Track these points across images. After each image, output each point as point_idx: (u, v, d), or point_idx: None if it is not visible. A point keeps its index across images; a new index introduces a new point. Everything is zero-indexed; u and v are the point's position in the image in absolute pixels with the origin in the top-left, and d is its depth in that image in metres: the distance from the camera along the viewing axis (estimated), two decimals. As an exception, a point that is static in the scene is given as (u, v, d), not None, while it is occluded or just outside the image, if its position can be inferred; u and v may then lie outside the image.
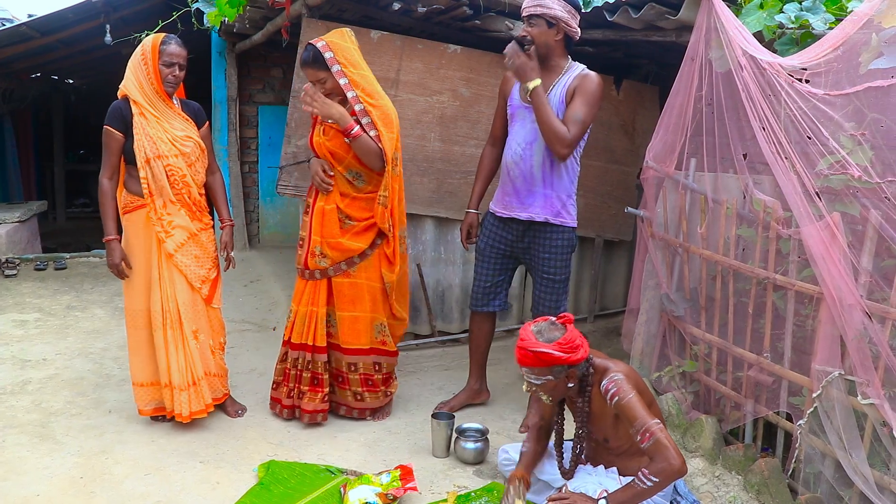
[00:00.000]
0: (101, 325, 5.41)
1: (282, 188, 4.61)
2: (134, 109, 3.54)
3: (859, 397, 2.73)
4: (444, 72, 4.77)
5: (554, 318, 2.96)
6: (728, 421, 3.54)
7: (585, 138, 3.72)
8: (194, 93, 4.27)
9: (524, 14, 3.57)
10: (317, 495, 3.19)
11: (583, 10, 4.30)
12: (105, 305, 5.90)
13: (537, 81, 3.48)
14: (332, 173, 3.70)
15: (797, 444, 3.08)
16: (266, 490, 3.21)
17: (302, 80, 4.49)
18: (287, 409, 3.91)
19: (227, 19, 5.75)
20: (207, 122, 3.86)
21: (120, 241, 3.63)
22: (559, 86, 3.61)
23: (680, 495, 3.13)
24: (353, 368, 3.86)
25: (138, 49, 3.56)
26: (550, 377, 2.86)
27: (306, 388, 3.86)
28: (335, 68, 3.56)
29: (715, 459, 3.42)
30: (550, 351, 2.80)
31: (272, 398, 4.00)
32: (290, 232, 7.88)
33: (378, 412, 4.01)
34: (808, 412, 2.96)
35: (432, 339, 5.14)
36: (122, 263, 3.61)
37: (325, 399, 3.87)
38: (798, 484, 3.08)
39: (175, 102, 3.66)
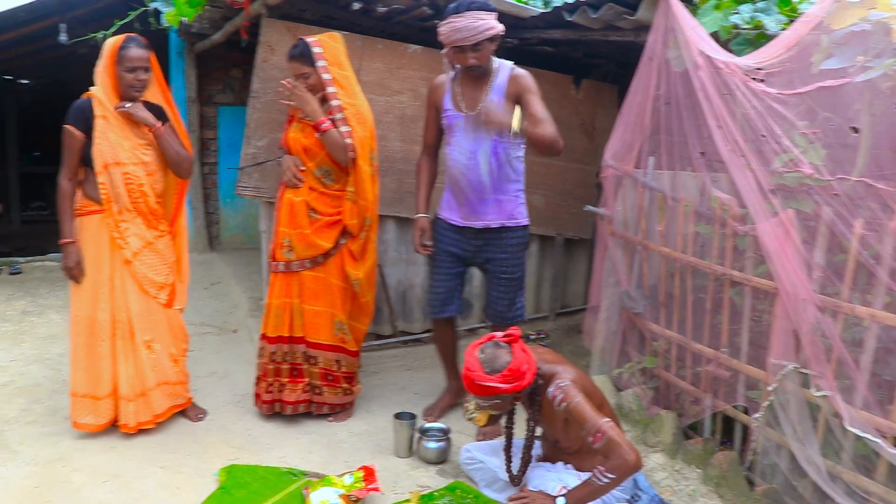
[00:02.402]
0: (57, 331, 5.31)
1: (241, 189, 4.56)
2: (97, 111, 3.47)
3: (813, 390, 2.79)
4: (404, 72, 4.77)
5: (500, 337, 2.97)
6: (687, 416, 3.59)
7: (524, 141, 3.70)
8: (152, 93, 4.20)
9: (468, 44, 3.40)
10: (279, 498, 3.17)
11: (542, 11, 4.34)
12: (62, 310, 5.79)
13: None
14: (303, 169, 3.76)
15: (754, 437, 3.13)
16: (228, 494, 3.19)
17: (261, 81, 4.47)
18: (267, 403, 3.90)
19: (185, 19, 5.70)
20: (168, 123, 3.80)
21: (76, 244, 3.56)
22: (494, 90, 3.58)
23: (641, 490, 3.17)
24: (312, 361, 3.88)
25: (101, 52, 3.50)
26: (497, 401, 2.92)
27: (286, 379, 3.88)
28: (320, 64, 3.67)
29: (675, 454, 3.46)
30: (496, 385, 2.84)
31: (255, 394, 4.00)
32: (250, 234, 7.80)
33: (339, 413, 4.00)
34: (765, 405, 3.01)
35: (394, 340, 5.13)
36: (77, 267, 3.54)
37: (307, 389, 3.90)
38: (755, 476, 3.13)
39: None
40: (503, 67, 3.63)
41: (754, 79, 2.91)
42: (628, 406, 3.77)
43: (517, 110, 3.33)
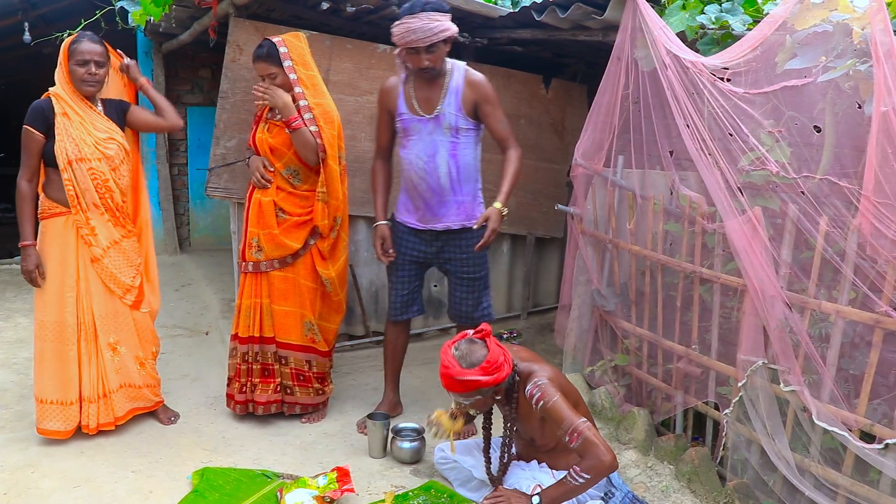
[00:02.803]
0: (25, 335, 5.23)
1: (211, 191, 4.53)
2: (57, 109, 3.44)
3: (782, 385, 2.83)
4: (374, 71, 4.76)
5: (472, 333, 2.98)
6: (659, 412, 3.62)
7: (481, 136, 3.72)
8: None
9: (423, 45, 3.39)
10: (253, 500, 3.16)
11: (511, 11, 4.35)
12: (29, 314, 5.69)
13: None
14: (271, 169, 3.75)
15: (724, 433, 3.17)
16: (201, 497, 3.16)
17: (229, 81, 4.44)
18: (240, 404, 3.89)
19: (152, 18, 5.64)
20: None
21: (35, 247, 3.52)
22: (450, 93, 3.58)
23: (614, 486, 3.19)
24: (283, 361, 3.88)
25: None
26: (479, 397, 2.91)
27: (258, 379, 3.87)
28: (286, 64, 3.67)
29: (647, 450, 3.49)
30: (477, 378, 2.83)
31: (227, 395, 3.98)
32: (221, 234, 7.74)
33: (312, 414, 3.99)
34: (735, 401, 3.05)
35: (367, 340, 5.12)
36: (36, 271, 3.49)
37: (278, 389, 3.89)
38: (726, 471, 3.17)
39: (98, 104, 3.56)
40: (457, 69, 3.63)
41: (721, 78, 2.94)
42: (601, 403, 3.80)
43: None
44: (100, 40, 3.51)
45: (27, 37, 6.83)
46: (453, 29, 3.45)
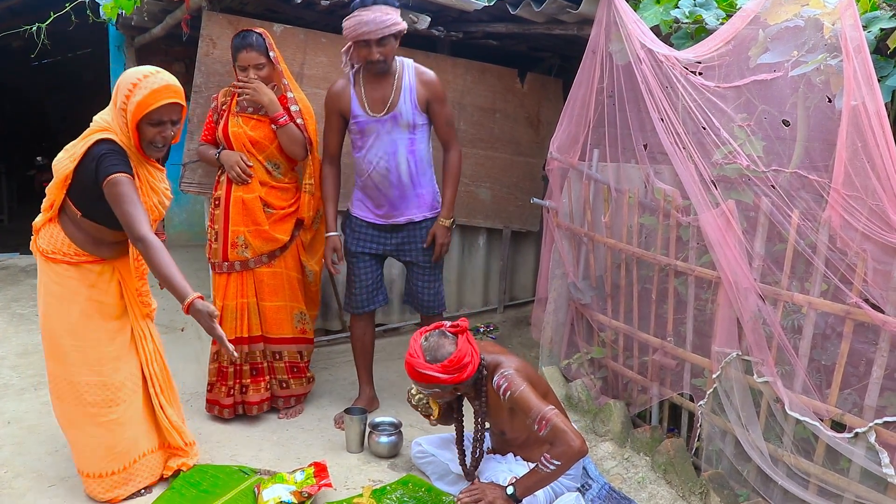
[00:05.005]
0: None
1: (185, 186, 4.49)
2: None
3: (755, 376, 2.86)
4: (349, 66, 4.73)
5: (447, 327, 2.99)
6: (635, 404, 3.65)
7: (430, 130, 3.80)
8: (93, 88, 4.11)
9: (374, 38, 3.42)
10: (230, 497, 3.15)
11: (486, 4, 4.35)
12: (1, 312, 5.64)
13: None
14: (251, 164, 3.72)
15: (699, 424, 3.20)
16: (178, 494, 3.15)
17: (203, 75, 4.40)
18: (228, 408, 3.86)
19: (123, 12, 5.57)
20: None
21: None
22: (405, 90, 3.62)
23: (591, 478, 3.22)
24: (277, 357, 3.88)
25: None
26: (437, 390, 2.94)
27: (248, 380, 3.86)
28: (272, 55, 3.70)
29: (624, 442, 3.52)
30: (436, 374, 2.87)
31: (208, 401, 3.91)
32: (196, 230, 7.67)
33: (290, 409, 3.98)
34: (709, 392, 3.08)
35: (343, 335, 5.11)
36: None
37: (268, 387, 3.89)
38: (702, 461, 3.20)
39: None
40: (406, 66, 3.68)
41: (693, 72, 2.97)
42: (577, 396, 3.82)
43: None
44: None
45: (-6, 30, 6.74)
46: (403, 24, 3.50)
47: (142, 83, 2.84)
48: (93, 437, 3.08)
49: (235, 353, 2.93)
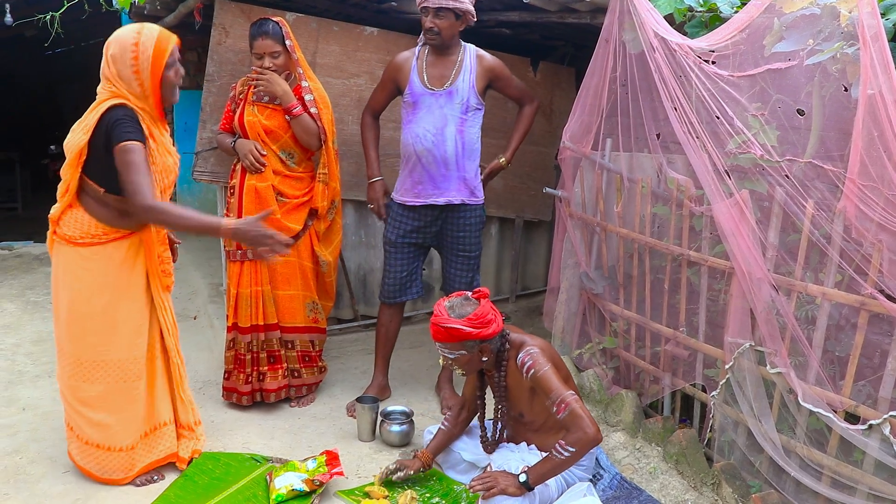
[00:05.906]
0: (11, 321, 5.21)
1: (198, 174, 4.50)
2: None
3: (768, 367, 2.84)
4: (360, 54, 4.73)
5: (469, 293, 3.03)
6: (647, 395, 3.64)
7: (482, 117, 3.86)
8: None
9: (432, 5, 3.55)
10: (243, 484, 3.17)
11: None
12: (15, 299, 5.67)
13: None
14: (265, 153, 3.72)
15: (711, 415, 3.19)
16: (190, 481, 3.17)
17: (216, 64, 4.40)
18: (246, 395, 3.87)
19: (137, 1, 5.56)
20: None
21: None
22: (465, 70, 3.71)
23: (603, 468, 3.22)
24: (290, 346, 3.90)
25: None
26: (464, 352, 2.95)
27: (265, 368, 3.87)
28: (288, 43, 3.69)
29: (635, 432, 3.51)
30: (461, 326, 2.88)
31: (226, 388, 3.93)
32: (208, 219, 7.70)
33: (302, 398, 4.00)
34: (722, 383, 3.07)
35: (355, 324, 5.13)
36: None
37: (286, 374, 3.90)
38: (714, 452, 3.19)
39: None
40: (469, 50, 3.76)
41: (706, 61, 2.94)
42: (589, 386, 3.82)
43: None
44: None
45: (8, 18, 6.74)
46: (468, 6, 3.59)
47: (141, 39, 2.89)
48: (125, 411, 3.12)
49: (289, 242, 3.03)
